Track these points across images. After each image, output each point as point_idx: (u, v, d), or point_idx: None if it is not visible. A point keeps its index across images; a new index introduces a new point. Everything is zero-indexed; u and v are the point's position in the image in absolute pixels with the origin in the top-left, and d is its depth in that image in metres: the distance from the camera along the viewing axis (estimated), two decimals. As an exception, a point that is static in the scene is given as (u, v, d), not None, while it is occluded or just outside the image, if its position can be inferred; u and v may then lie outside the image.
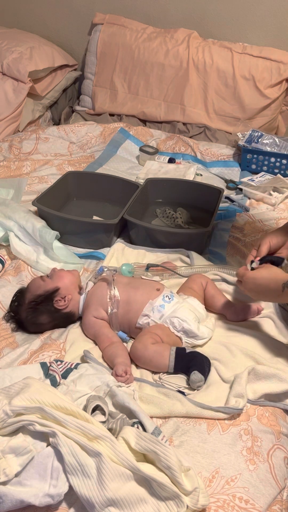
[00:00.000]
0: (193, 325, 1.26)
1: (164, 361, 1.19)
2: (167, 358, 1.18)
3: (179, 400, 1.11)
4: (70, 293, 1.36)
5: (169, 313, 1.28)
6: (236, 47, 2.48)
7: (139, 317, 1.30)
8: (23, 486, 0.88)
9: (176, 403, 1.10)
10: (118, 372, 1.16)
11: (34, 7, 2.89)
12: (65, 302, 1.35)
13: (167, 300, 1.31)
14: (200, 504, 0.89)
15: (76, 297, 1.37)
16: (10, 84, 2.46)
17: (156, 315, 1.29)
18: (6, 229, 1.65)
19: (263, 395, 1.14)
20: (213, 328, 1.31)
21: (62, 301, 1.35)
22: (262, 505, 0.94)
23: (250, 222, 1.86)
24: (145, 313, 1.30)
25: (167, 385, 1.17)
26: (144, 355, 1.21)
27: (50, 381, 1.11)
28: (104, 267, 1.40)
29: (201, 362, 1.17)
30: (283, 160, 2.20)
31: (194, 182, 2.04)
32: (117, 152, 2.40)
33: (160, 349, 1.21)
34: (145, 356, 1.21)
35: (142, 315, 1.30)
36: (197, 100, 2.56)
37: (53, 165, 2.20)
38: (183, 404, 1.10)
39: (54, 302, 1.34)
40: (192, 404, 1.10)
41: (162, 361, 1.19)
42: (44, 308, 1.33)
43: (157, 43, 2.56)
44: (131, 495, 0.86)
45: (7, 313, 1.39)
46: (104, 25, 2.69)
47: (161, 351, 1.20)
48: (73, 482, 0.89)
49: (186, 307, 1.29)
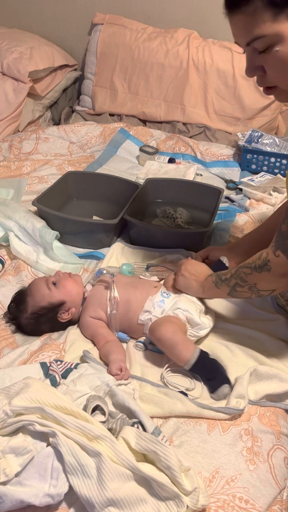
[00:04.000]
0: (195, 314, 1.26)
1: (187, 354, 1.17)
2: (191, 353, 1.17)
3: (179, 399, 1.11)
4: (75, 306, 1.35)
5: (170, 306, 1.29)
6: (236, 47, 2.47)
7: (140, 314, 1.30)
8: (23, 486, 0.88)
9: (176, 402, 1.10)
10: (112, 371, 1.16)
11: (34, 7, 2.89)
12: (68, 315, 1.34)
13: (166, 295, 1.32)
14: (200, 504, 0.89)
15: (79, 306, 1.37)
16: (10, 84, 2.46)
17: (157, 311, 1.29)
18: (6, 229, 1.65)
19: (264, 396, 1.14)
20: (213, 319, 1.32)
21: (66, 314, 1.34)
22: (262, 505, 0.94)
23: (250, 222, 1.86)
24: (146, 309, 1.30)
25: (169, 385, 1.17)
26: (173, 339, 1.19)
27: (50, 381, 1.11)
28: (102, 269, 1.40)
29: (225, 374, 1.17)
30: (283, 160, 2.20)
31: (194, 182, 2.04)
32: (117, 152, 2.40)
33: (188, 341, 1.21)
34: (173, 340, 1.19)
35: (144, 311, 1.30)
36: (197, 100, 2.56)
37: (53, 165, 2.20)
38: (184, 403, 1.10)
39: (58, 315, 1.33)
40: (193, 404, 1.10)
41: (185, 353, 1.17)
42: (46, 318, 1.32)
43: (157, 43, 2.56)
44: (131, 495, 0.86)
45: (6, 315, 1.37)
46: (104, 25, 2.69)
47: (188, 343, 1.20)
48: (73, 482, 0.89)
49: (185, 300, 1.30)
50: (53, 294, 1.32)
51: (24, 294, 1.36)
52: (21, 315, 1.32)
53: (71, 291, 1.35)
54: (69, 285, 1.36)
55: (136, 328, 1.32)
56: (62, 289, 1.34)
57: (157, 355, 1.27)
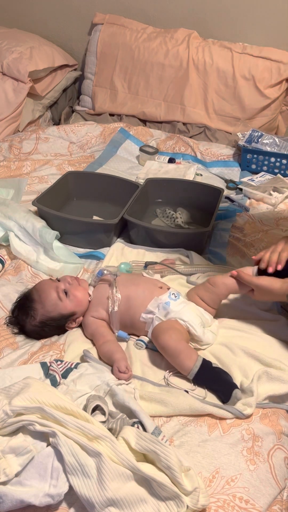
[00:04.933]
0: (198, 330, 1.25)
1: (189, 363, 1.16)
2: (193, 363, 1.16)
3: (183, 394, 1.11)
4: (82, 315, 1.35)
5: (175, 312, 1.27)
6: (236, 47, 2.48)
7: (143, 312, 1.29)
8: (23, 486, 0.88)
9: (179, 397, 1.11)
10: (121, 368, 1.15)
11: (34, 7, 2.89)
12: (76, 324, 1.34)
13: (173, 297, 1.30)
14: (200, 504, 0.89)
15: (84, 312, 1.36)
16: (10, 84, 2.46)
17: (161, 312, 1.28)
18: (6, 229, 1.65)
19: (267, 397, 1.14)
20: (217, 333, 1.31)
21: (73, 324, 1.34)
22: (262, 505, 0.94)
23: (250, 222, 1.86)
24: (150, 309, 1.29)
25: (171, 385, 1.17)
26: (177, 347, 1.18)
27: (50, 381, 1.11)
28: (103, 270, 1.39)
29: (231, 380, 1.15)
30: (283, 160, 2.20)
31: (194, 182, 2.04)
32: (117, 152, 2.40)
33: (191, 350, 1.19)
34: (177, 348, 1.18)
35: (147, 311, 1.29)
36: (197, 100, 2.56)
37: (53, 165, 2.20)
38: (187, 399, 1.10)
39: (66, 325, 1.33)
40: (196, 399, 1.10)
41: (187, 362, 1.16)
42: (53, 326, 1.32)
43: (157, 43, 2.56)
44: (131, 495, 0.86)
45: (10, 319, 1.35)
46: (104, 25, 2.69)
47: (191, 353, 1.18)
48: (73, 482, 0.89)
49: (192, 310, 1.29)
50: (65, 305, 1.31)
51: (32, 299, 1.32)
52: (28, 321, 1.31)
53: (82, 301, 1.33)
54: (80, 295, 1.34)
55: (137, 325, 1.31)
56: (73, 300, 1.32)
57: (157, 354, 1.26)
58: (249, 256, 1.64)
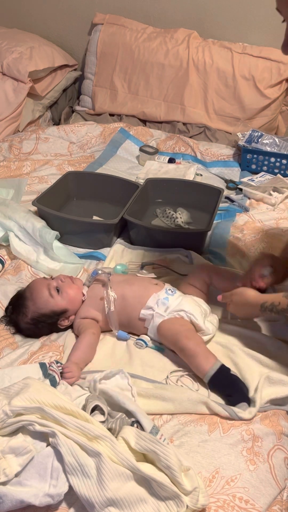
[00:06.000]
0: (200, 319, 1.26)
1: (206, 365, 1.15)
2: (210, 366, 1.15)
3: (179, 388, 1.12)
4: (75, 313, 1.34)
5: (174, 306, 1.28)
6: (236, 47, 2.48)
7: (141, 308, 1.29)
8: (23, 486, 0.88)
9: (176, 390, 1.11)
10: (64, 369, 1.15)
11: (34, 7, 2.89)
12: (68, 322, 1.34)
13: (170, 293, 1.31)
14: (200, 504, 0.89)
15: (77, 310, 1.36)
16: (10, 84, 2.46)
17: (161, 308, 1.28)
18: (6, 229, 1.65)
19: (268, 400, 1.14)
20: (217, 325, 1.31)
21: (66, 321, 1.34)
22: (262, 505, 0.94)
23: (250, 222, 1.86)
24: (150, 305, 1.29)
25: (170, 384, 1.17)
26: (197, 350, 1.17)
27: (49, 381, 1.11)
28: (97, 270, 1.39)
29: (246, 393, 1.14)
30: (283, 160, 2.20)
31: (194, 182, 2.04)
32: (117, 152, 2.40)
33: (210, 353, 1.18)
34: (197, 350, 1.17)
35: (146, 307, 1.29)
36: (197, 100, 2.56)
37: (53, 165, 2.20)
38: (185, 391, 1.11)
39: (58, 322, 1.33)
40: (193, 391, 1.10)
41: (204, 364, 1.16)
42: (46, 323, 1.31)
43: (157, 43, 2.56)
44: (131, 495, 0.86)
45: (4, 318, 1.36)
46: (104, 25, 2.68)
47: (209, 356, 1.17)
48: (73, 482, 0.89)
49: (190, 301, 1.30)
50: (56, 302, 1.30)
51: (24, 297, 1.33)
52: (21, 319, 1.31)
53: (75, 299, 1.33)
54: (73, 292, 1.33)
55: (136, 323, 1.31)
56: (65, 297, 1.32)
57: (158, 353, 1.27)
58: (249, 256, 1.64)
